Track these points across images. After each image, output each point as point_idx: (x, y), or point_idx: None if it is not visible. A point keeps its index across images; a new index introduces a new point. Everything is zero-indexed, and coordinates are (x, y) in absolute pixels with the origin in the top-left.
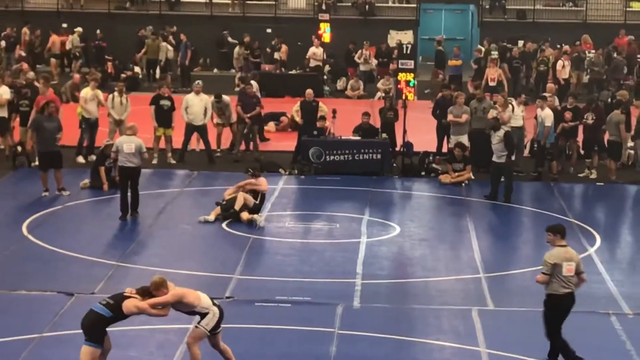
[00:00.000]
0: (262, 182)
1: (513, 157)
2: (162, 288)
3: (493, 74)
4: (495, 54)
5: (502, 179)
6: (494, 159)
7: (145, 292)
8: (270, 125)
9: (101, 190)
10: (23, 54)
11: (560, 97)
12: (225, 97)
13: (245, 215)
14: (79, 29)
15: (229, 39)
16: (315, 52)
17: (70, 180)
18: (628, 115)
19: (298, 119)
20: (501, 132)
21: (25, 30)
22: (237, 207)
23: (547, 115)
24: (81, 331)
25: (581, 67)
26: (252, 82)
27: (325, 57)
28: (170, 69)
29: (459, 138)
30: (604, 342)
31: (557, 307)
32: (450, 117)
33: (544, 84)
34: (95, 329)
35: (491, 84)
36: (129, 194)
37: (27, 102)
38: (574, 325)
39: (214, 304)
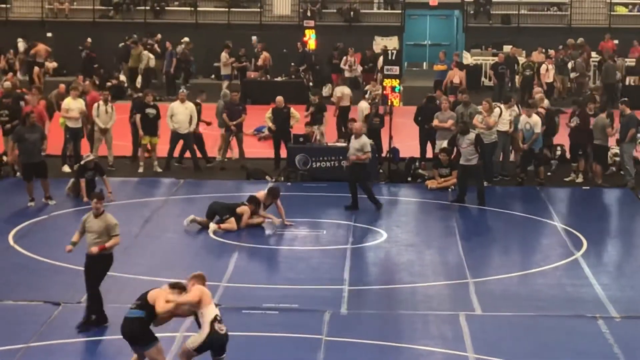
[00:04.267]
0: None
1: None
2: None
3: (453, 75)
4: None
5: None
6: (462, 162)
7: (175, 287)
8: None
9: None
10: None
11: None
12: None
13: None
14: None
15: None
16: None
17: (56, 189)
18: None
19: (271, 125)
20: (471, 136)
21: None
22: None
23: (536, 121)
24: (122, 339)
25: (565, 72)
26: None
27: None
28: (156, 78)
29: (444, 143)
30: (591, 345)
31: (109, 265)
32: (435, 122)
33: (529, 88)
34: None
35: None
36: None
37: (7, 112)
38: (562, 329)
39: (212, 324)
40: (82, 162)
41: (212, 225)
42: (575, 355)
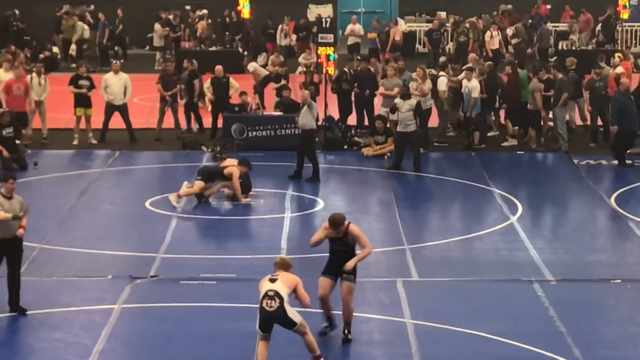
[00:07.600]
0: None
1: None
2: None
3: (395, 33)
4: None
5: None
6: (400, 128)
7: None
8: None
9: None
10: None
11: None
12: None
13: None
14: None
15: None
16: (353, 28)
17: None
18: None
19: (210, 95)
20: (413, 101)
21: None
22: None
23: (474, 86)
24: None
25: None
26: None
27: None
28: (89, 49)
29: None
30: (527, 309)
31: None
32: (381, 90)
33: (463, 54)
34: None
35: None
36: None
37: None
38: (498, 293)
39: (260, 302)
40: None
41: (172, 196)
42: (512, 319)
